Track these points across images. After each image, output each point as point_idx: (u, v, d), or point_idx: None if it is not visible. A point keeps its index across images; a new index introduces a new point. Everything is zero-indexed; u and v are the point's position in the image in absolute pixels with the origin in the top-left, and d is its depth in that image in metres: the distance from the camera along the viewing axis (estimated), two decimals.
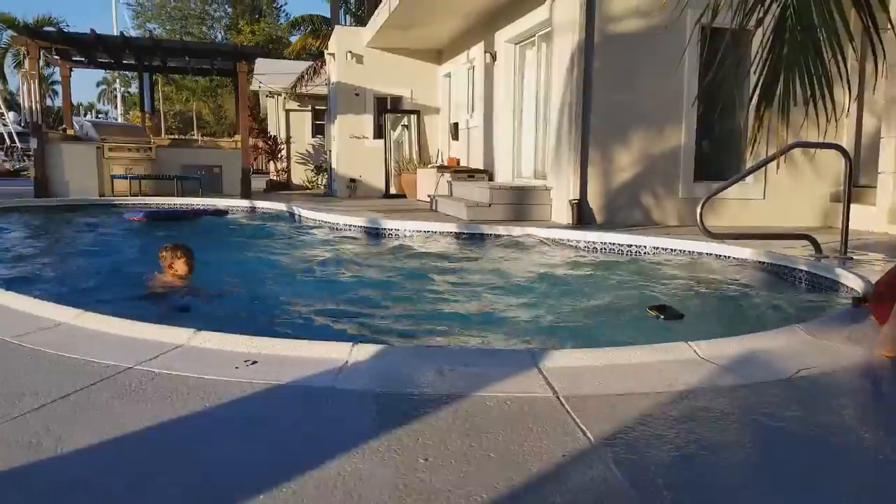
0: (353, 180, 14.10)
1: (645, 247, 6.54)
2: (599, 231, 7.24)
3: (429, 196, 10.93)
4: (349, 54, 13.86)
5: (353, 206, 11.17)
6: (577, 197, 8.32)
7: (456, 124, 13.47)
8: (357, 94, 14.00)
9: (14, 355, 2.81)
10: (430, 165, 13.29)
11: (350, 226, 8.44)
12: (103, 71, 33.11)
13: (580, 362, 2.70)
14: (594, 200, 8.45)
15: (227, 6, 35.68)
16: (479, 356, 2.89)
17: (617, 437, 2.04)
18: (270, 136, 19.48)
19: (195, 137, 29.51)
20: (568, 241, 7.12)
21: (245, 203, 11.57)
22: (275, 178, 18.75)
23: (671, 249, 6.38)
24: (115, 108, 52.67)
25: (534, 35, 10.14)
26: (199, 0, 33.95)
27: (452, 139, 13.69)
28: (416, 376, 2.54)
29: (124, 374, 2.58)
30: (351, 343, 2.85)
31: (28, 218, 9.98)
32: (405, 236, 7.84)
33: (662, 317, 4.11)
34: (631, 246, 6.64)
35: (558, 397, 2.35)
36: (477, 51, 11.91)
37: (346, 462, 1.86)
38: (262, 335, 2.96)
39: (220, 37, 34.49)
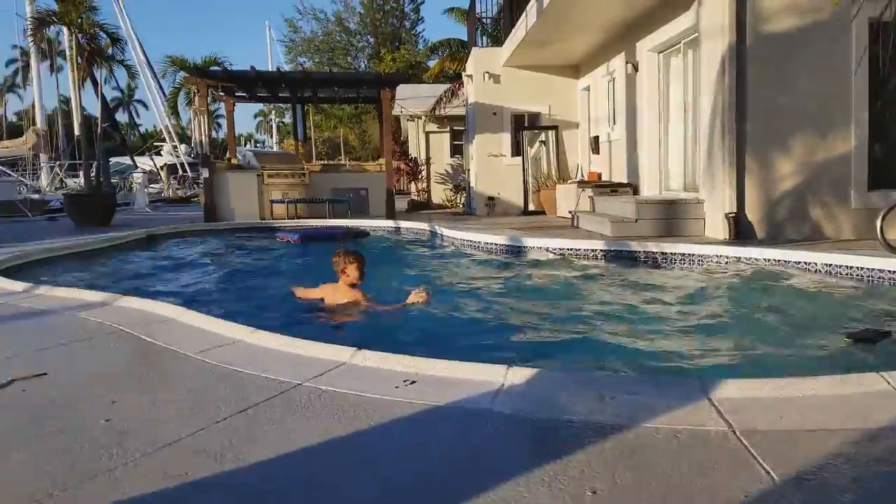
0: (491, 198, 14.21)
1: (815, 264, 5.99)
2: (762, 247, 6.72)
3: (569, 212, 10.75)
4: (486, 74, 14.04)
5: (493, 223, 11.23)
6: (734, 210, 7.82)
7: (596, 138, 13.20)
8: (494, 113, 14.13)
9: (198, 371, 3.06)
10: (569, 181, 13.11)
11: (492, 244, 8.48)
12: (261, 104, 35.93)
13: (756, 393, 2.50)
14: (753, 213, 7.90)
15: (368, 37, 37.58)
16: (643, 384, 2.75)
17: (805, 479, 1.85)
18: (411, 157, 20.16)
19: (343, 162, 31.19)
20: (727, 257, 6.67)
21: (390, 223, 12.01)
22: (416, 198, 19.34)
23: (846, 267, 5.79)
24: (271, 137, 57.01)
25: (679, 42, 9.73)
26: (344, 32, 36.04)
27: (593, 153, 13.42)
28: (575, 402, 2.47)
29: (294, 390, 2.73)
30: (506, 366, 2.84)
31: (199, 240, 10.96)
32: (549, 254, 7.74)
33: (862, 341, 3.66)
34: (800, 263, 6.10)
35: (734, 431, 2.18)
36: (618, 62, 11.62)
37: (513, 489, 1.83)
38: (418, 354, 3.02)
39: (363, 66, 36.35)
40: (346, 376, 2.87)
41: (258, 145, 58.59)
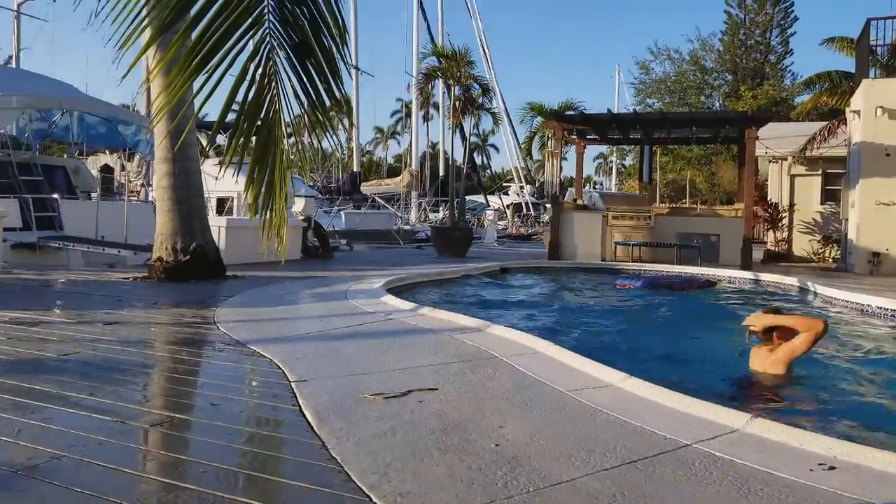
0: (876, 254, 12.03)
1: None
2: None
3: None
4: (879, 109, 12.02)
5: (879, 284, 9.44)
6: None
7: None
8: (888, 154, 12.00)
9: (576, 411, 3.00)
10: None
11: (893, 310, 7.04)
12: (603, 146, 36.49)
13: None
14: None
15: (726, 74, 35.59)
16: None
17: None
18: (771, 203, 18.26)
19: (692, 205, 29.85)
20: None
21: (746, 274, 10.93)
22: (773, 248, 17.42)
23: None
24: (610, 178, 57.64)
25: None
26: (699, 71, 34.73)
27: None
28: None
29: (684, 450, 2.47)
30: None
31: (546, 276, 11.34)
32: None
33: None
34: None
35: None
36: None
37: None
38: (834, 435, 2.52)
39: (717, 105, 34.51)
40: (744, 446, 2.52)
41: (597, 187, 59.68)
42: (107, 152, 20.10)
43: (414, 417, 2.87)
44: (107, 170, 18.61)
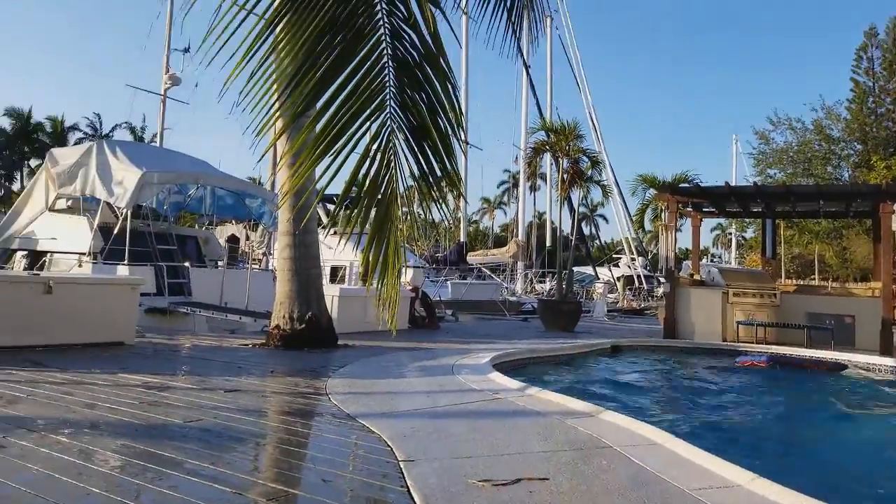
0: None
1: None
2: None
3: None
4: None
5: None
6: None
7: None
8: None
9: None
10: None
11: None
12: (721, 218, 35.08)
13: None
14: None
15: (855, 143, 33.54)
16: None
17: None
18: None
19: (822, 283, 27.83)
20: None
21: (888, 361, 9.94)
22: None
23: None
24: (729, 252, 55.09)
25: None
26: (824, 141, 32.94)
27: None
28: None
29: None
30: None
31: (661, 356, 10.81)
32: None
33: None
34: None
35: None
36: None
37: None
38: None
39: (846, 175, 32.45)
40: None
41: (714, 260, 57.16)
42: (234, 223, 21.63)
43: None
44: (233, 239, 19.96)
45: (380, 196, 4.32)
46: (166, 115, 23.95)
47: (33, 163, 45.29)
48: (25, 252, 13.97)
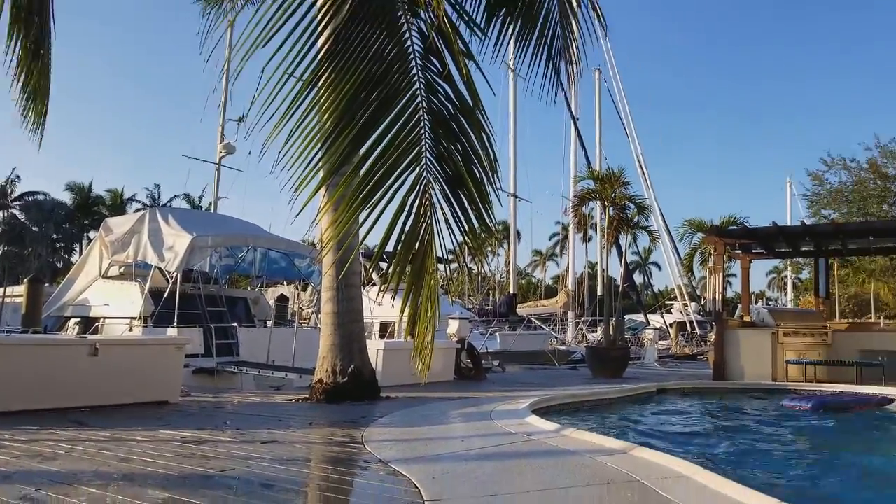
0: None
1: None
2: None
3: None
4: None
5: None
6: None
7: None
8: None
9: None
10: None
11: None
12: (776, 259, 34.14)
13: None
14: None
15: None
16: None
17: None
18: None
19: (876, 321, 26.64)
20: None
21: None
22: None
23: None
24: (785, 294, 53.35)
25: None
26: (880, 179, 31.91)
27: None
28: None
29: None
30: None
31: (707, 399, 10.50)
32: None
33: None
34: None
35: None
36: None
37: None
38: None
39: None
40: None
41: (770, 303, 55.36)
42: (285, 283, 22.11)
43: None
44: (282, 299, 20.38)
45: (416, 247, 4.46)
46: (222, 183, 24.73)
47: (92, 234, 47.43)
48: (78, 319, 14.30)
